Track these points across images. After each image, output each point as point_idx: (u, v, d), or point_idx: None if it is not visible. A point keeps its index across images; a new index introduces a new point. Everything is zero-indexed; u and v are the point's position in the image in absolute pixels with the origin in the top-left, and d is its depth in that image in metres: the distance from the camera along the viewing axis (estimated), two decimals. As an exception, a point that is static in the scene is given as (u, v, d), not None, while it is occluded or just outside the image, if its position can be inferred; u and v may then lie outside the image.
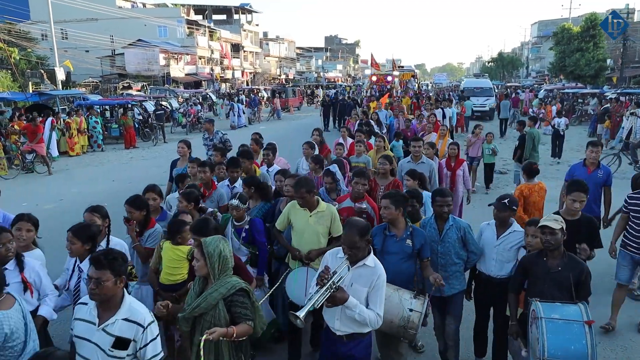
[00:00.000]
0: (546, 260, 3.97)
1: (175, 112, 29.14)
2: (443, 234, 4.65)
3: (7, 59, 30.86)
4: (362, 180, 5.38)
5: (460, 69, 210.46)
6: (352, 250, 3.52)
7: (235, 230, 5.14)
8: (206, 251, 3.34)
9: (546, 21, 75.85)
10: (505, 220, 4.70)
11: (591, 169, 6.79)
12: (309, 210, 4.83)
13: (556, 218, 3.92)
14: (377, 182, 6.69)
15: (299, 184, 4.81)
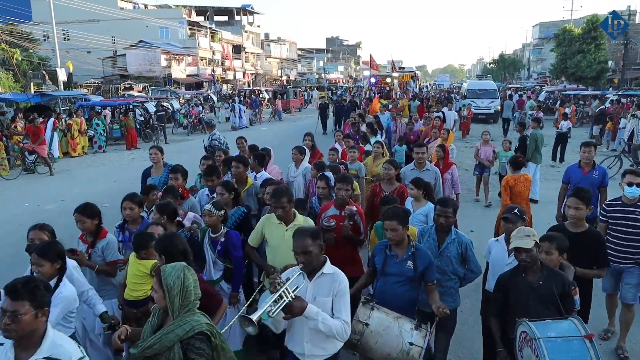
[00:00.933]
0: (525, 276, 3.74)
1: (177, 113, 29.20)
2: (443, 247, 4.36)
3: (9, 59, 30.96)
4: (346, 185, 5.08)
5: (461, 70, 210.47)
6: (306, 257, 3.25)
7: (211, 242, 4.80)
8: (165, 283, 2.85)
9: (547, 23, 75.86)
10: None
11: (586, 170, 6.79)
12: (284, 224, 4.49)
13: (528, 233, 3.66)
14: (382, 187, 6.42)
15: (278, 193, 4.44)
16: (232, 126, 28.64)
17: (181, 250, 3.73)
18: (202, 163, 7.09)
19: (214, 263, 4.80)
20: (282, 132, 25.25)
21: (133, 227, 4.97)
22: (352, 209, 4.96)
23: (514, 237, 3.70)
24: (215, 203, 4.77)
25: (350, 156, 7.89)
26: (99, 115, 21.97)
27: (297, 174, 7.50)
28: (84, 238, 4.66)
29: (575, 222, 4.64)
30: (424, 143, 7.91)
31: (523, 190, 7.24)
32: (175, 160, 7.88)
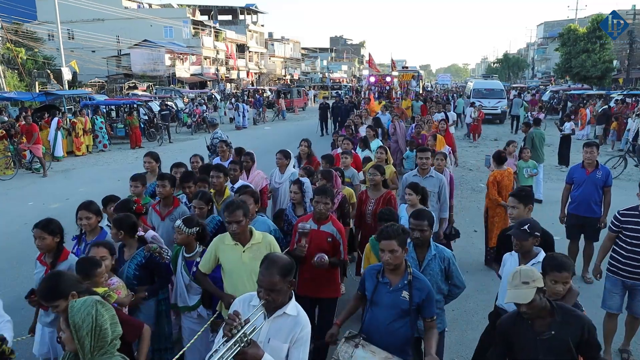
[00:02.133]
0: (532, 326, 3.05)
1: (181, 113, 29.27)
2: (424, 264, 3.90)
3: (14, 58, 31.07)
4: (324, 199, 4.51)
5: (465, 69, 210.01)
6: (271, 295, 2.72)
7: (186, 263, 4.34)
8: (72, 321, 2.42)
9: (552, 22, 75.59)
10: (529, 249, 3.93)
11: (589, 170, 6.77)
12: (240, 244, 3.88)
13: (525, 279, 2.94)
14: (368, 195, 6.01)
15: (232, 206, 3.81)
16: (237, 126, 28.67)
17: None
18: (175, 171, 6.30)
19: (189, 287, 4.35)
20: (286, 132, 25.26)
21: (91, 239, 4.50)
22: (305, 226, 4.37)
23: (509, 284, 3.02)
24: (187, 219, 4.28)
25: (343, 162, 7.36)
26: (100, 113, 22.05)
27: (282, 180, 7.00)
28: (42, 259, 4.18)
29: None
30: (429, 147, 7.35)
31: (508, 184, 7.43)
32: (178, 159, 7.82)
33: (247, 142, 21.47)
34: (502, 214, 7.26)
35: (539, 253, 3.93)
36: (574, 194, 6.95)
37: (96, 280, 3.65)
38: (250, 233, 3.95)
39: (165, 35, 50.12)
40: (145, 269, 4.29)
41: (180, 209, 5.30)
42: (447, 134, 11.41)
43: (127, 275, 4.21)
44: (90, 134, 20.21)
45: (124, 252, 4.40)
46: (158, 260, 4.34)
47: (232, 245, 3.89)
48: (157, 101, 28.37)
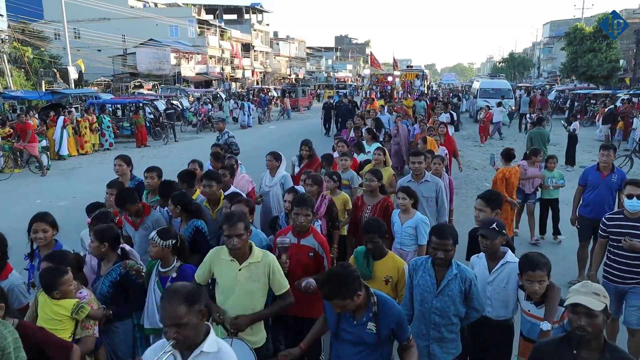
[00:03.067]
0: (577, 355, 2.60)
1: (186, 111, 29.35)
2: (442, 285, 3.55)
3: (20, 57, 31.24)
4: (304, 210, 4.20)
5: (470, 69, 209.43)
6: (180, 331, 2.34)
7: (160, 279, 3.94)
8: None
9: (558, 21, 75.27)
10: (496, 249, 3.84)
11: (605, 173, 6.59)
12: (237, 261, 3.55)
13: (597, 290, 2.57)
14: (364, 200, 5.75)
15: (232, 218, 3.50)
16: (242, 125, 28.73)
17: None
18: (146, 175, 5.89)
19: None
20: (291, 131, 25.28)
21: (45, 253, 4.11)
22: (285, 241, 4.08)
23: (574, 290, 2.63)
24: (163, 231, 3.92)
25: (342, 164, 7.01)
26: (106, 112, 22.16)
27: (273, 183, 6.62)
28: None
29: None
30: (422, 151, 6.98)
31: (515, 182, 7.54)
32: (183, 158, 7.84)
33: (253, 140, 21.52)
34: (508, 210, 7.30)
35: (506, 253, 3.87)
36: (587, 196, 6.76)
37: (64, 290, 3.41)
38: (250, 249, 3.60)
39: (171, 35, 50.25)
40: (120, 287, 3.93)
41: (153, 216, 5.00)
42: (447, 138, 10.83)
43: (101, 292, 3.90)
44: (97, 132, 20.31)
45: (100, 266, 4.06)
46: (134, 279, 3.98)
47: (228, 261, 3.57)
48: (162, 100, 28.46)
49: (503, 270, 3.82)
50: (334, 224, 5.47)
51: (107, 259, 4.01)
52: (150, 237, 3.88)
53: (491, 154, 10.73)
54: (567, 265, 7.33)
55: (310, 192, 5.32)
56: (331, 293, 2.94)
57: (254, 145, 18.91)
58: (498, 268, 3.84)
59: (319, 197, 5.37)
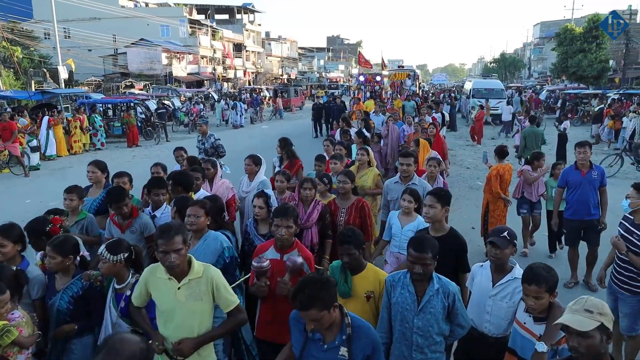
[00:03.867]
0: None
1: (178, 111, 29.23)
2: (423, 302, 3.24)
3: (10, 57, 30.96)
4: (286, 221, 3.77)
5: (462, 69, 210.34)
6: None
7: (115, 297, 3.61)
8: None
9: (548, 22, 75.84)
10: (504, 262, 3.56)
11: (584, 171, 6.45)
12: (176, 278, 3.13)
13: (590, 307, 2.37)
14: (337, 204, 5.46)
15: (167, 230, 3.08)
16: (234, 124, 28.66)
17: None
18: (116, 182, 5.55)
19: (115, 326, 3.58)
20: (283, 131, 25.20)
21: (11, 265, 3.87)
22: (296, 260, 3.65)
23: (567, 308, 2.46)
24: (113, 245, 3.57)
25: (332, 168, 6.57)
26: (97, 112, 22.01)
27: (250, 188, 6.21)
28: None
29: (435, 224, 4.20)
30: (412, 152, 6.52)
31: (508, 179, 7.56)
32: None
33: (245, 140, 21.48)
34: (501, 207, 7.35)
35: (515, 268, 3.56)
36: (570, 197, 6.60)
37: None
38: (189, 264, 3.18)
39: (162, 34, 50.03)
40: (82, 302, 3.62)
41: (141, 220, 4.77)
42: (437, 138, 10.29)
43: (59, 309, 3.57)
44: (88, 132, 20.17)
45: (55, 279, 3.71)
46: (99, 290, 3.69)
47: (165, 280, 3.14)
48: (154, 100, 28.31)
49: (509, 286, 3.51)
50: (327, 232, 5.13)
51: (64, 272, 3.65)
52: (99, 252, 3.51)
53: (484, 152, 10.78)
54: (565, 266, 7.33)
55: (309, 196, 5.08)
56: (308, 300, 2.58)
57: (247, 146, 18.85)
58: (503, 283, 3.53)
59: (312, 202, 5.11)
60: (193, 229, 3.97)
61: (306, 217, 5.04)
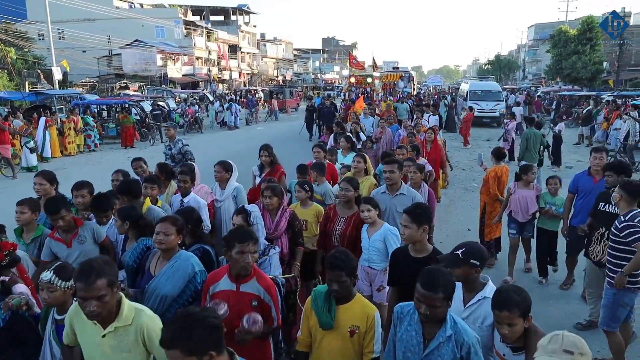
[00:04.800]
0: None
1: (173, 112, 29.14)
2: (430, 347, 2.80)
3: (3, 58, 30.80)
4: (247, 246, 3.22)
5: (457, 71, 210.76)
6: None
7: (56, 328, 3.17)
8: None
9: (543, 24, 76.13)
10: (472, 280, 3.18)
11: (597, 178, 5.98)
12: (100, 324, 2.67)
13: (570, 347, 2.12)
14: (336, 212, 5.11)
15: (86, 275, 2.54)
16: (229, 126, 28.60)
17: None
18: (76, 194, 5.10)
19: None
20: (279, 132, 25.21)
21: None
22: (219, 308, 3.05)
23: (542, 348, 2.19)
24: (60, 269, 3.08)
25: (315, 177, 6.16)
26: (89, 113, 21.90)
27: (223, 197, 5.88)
28: None
29: (415, 245, 3.79)
30: (396, 158, 5.95)
31: (505, 180, 7.53)
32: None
33: (241, 142, 21.43)
34: (498, 209, 7.35)
35: (486, 286, 3.16)
36: (578, 204, 6.18)
37: None
38: (119, 306, 2.68)
39: (157, 35, 49.90)
40: (7, 333, 3.21)
41: (89, 226, 4.43)
42: (435, 145, 9.35)
43: None
44: (82, 133, 20.07)
45: None
46: (26, 318, 3.29)
47: (90, 324, 2.70)
48: (149, 101, 28.20)
49: (480, 306, 3.10)
50: (297, 240, 4.91)
51: None
52: (46, 279, 2.99)
53: (479, 154, 10.78)
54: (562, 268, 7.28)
55: (270, 204, 4.80)
56: (171, 338, 2.13)
57: (243, 147, 18.82)
58: (474, 303, 3.15)
59: (278, 210, 4.85)
60: (162, 247, 3.56)
61: (274, 227, 4.77)
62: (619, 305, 4.58)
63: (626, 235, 4.43)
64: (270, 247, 4.49)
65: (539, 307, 5.75)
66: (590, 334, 5.45)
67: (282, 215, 4.83)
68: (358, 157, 6.56)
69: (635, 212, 4.47)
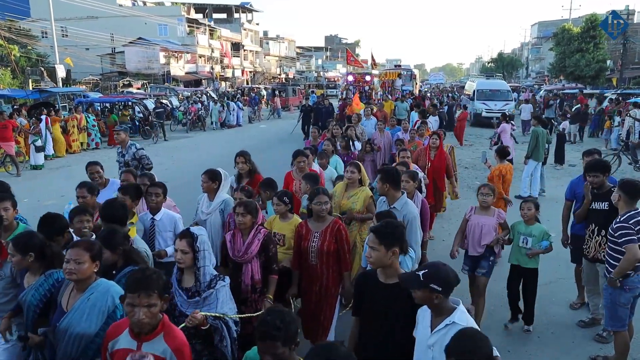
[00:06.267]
0: None
1: (176, 110, 29.16)
2: None
3: (7, 56, 30.87)
4: (145, 298, 2.64)
5: (460, 69, 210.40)
6: None
7: None
8: None
9: (546, 22, 75.90)
10: (437, 305, 2.80)
11: None
12: None
13: None
14: (309, 227, 4.53)
15: None
16: (228, 124, 28.48)
17: None
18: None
19: None
20: (282, 130, 25.21)
21: None
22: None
23: None
24: None
25: (303, 188, 5.54)
26: (91, 111, 21.88)
27: (211, 209, 5.20)
28: None
29: (384, 270, 3.23)
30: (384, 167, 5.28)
31: (509, 179, 7.58)
32: (173, 157, 7.48)
33: (244, 140, 21.46)
34: (503, 206, 7.36)
35: (456, 311, 2.77)
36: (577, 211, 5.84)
37: None
38: None
39: (160, 33, 49.99)
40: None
41: None
42: (440, 151, 8.21)
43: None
44: (85, 131, 20.13)
45: None
46: None
47: None
48: (152, 99, 28.24)
49: (448, 332, 2.69)
50: (271, 266, 4.27)
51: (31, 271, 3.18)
52: None
53: (482, 152, 10.77)
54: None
55: (242, 223, 4.19)
56: None
57: (245, 146, 18.82)
58: (441, 329, 2.77)
59: (252, 230, 4.26)
60: (73, 278, 3.05)
61: (244, 249, 4.20)
62: (617, 305, 4.60)
63: (619, 236, 4.47)
64: (219, 279, 3.57)
65: (540, 307, 5.77)
66: (592, 332, 5.49)
67: (254, 235, 4.22)
68: (352, 167, 5.71)
69: (631, 213, 4.49)
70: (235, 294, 3.95)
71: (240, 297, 4.11)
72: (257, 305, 4.15)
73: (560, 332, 5.55)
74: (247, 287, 4.18)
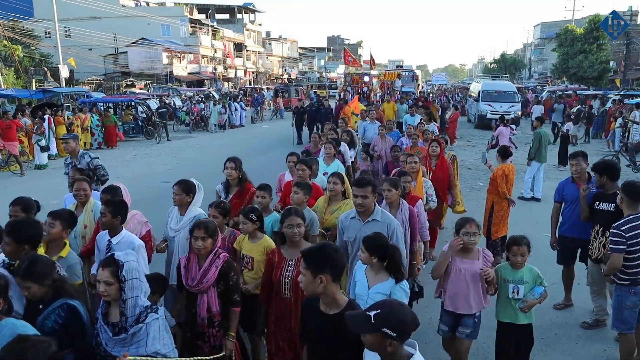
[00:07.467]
0: None
1: (179, 111, 29.20)
2: None
3: (11, 56, 30.97)
4: None
5: (462, 70, 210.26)
6: None
7: None
8: None
9: (549, 23, 75.78)
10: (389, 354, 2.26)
11: (581, 184, 5.66)
12: None
13: None
14: (282, 255, 3.86)
15: None
16: (232, 124, 28.47)
17: None
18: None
19: None
20: (284, 130, 25.19)
21: None
22: None
23: None
24: None
25: (295, 199, 4.80)
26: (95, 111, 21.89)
27: (181, 225, 4.62)
28: None
29: (321, 298, 2.87)
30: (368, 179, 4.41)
31: (512, 179, 7.54)
32: (176, 157, 7.39)
33: (246, 140, 21.48)
34: (505, 207, 7.37)
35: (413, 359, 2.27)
36: (566, 213, 5.88)
37: None
38: None
39: (163, 34, 50.07)
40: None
41: None
42: (441, 160, 7.63)
43: None
44: (88, 131, 20.17)
45: None
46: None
47: None
48: (155, 99, 28.29)
49: None
50: (232, 296, 3.77)
51: None
52: None
53: (482, 152, 10.74)
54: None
55: (202, 248, 3.71)
56: None
57: (246, 146, 18.91)
58: None
59: (210, 254, 3.77)
60: None
61: (199, 277, 3.70)
62: (624, 308, 4.56)
63: (610, 241, 4.49)
64: (150, 310, 3.05)
65: (541, 307, 5.75)
66: (595, 333, 5.48)
67: (212, 262, 3.73)
68: (334, 177, 5.12)
69: (629, 218, 4.46)
70: (190, 327, 3.67)
71: (195, 331, 3.72)
72: (214, 341, 3.72)
73: (563, 333, 5.54)
74: (203, 321, 3.70)
